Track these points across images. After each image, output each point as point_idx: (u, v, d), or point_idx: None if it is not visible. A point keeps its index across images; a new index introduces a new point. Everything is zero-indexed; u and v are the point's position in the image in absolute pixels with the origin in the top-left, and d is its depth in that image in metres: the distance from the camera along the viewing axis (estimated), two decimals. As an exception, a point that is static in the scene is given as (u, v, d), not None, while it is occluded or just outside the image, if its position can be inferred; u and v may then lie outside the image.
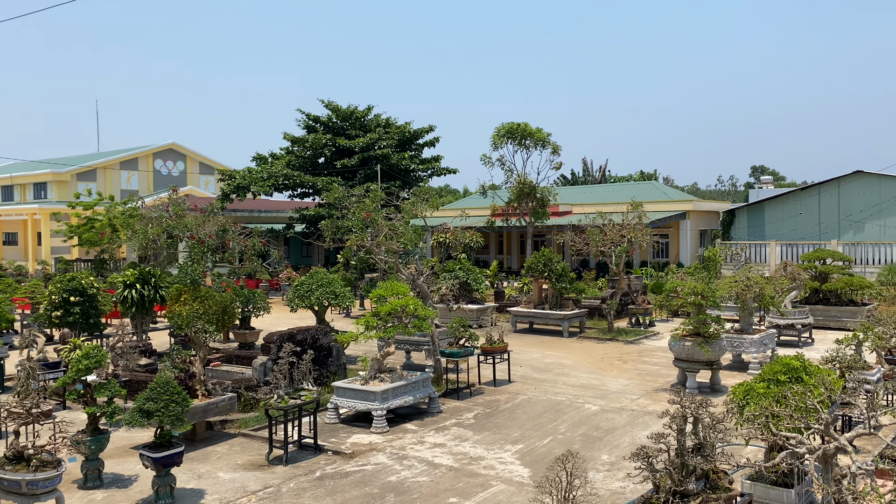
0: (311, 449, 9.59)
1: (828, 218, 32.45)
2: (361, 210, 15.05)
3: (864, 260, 29.05)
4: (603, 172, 67.66)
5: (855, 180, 31.88)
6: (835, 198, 32.37)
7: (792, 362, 7.19)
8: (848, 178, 32.11)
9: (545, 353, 16.73)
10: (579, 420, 10.96)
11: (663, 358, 15.67)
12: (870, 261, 28.99)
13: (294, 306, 15.04)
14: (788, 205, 33.75)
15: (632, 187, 43.08)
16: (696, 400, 6.31)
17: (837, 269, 20.05)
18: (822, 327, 19.08)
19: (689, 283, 13.59)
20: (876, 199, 31.19)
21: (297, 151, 39.23)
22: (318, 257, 44.75)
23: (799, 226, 33.14)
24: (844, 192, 32.10)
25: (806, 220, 33.06)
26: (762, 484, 6.76)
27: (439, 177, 40.97)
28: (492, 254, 42.88)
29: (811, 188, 33.60)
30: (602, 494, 7.88)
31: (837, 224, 32.10)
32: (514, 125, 30.69)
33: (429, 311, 11.66)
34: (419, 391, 11.20)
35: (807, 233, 32.69)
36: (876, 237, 30.54)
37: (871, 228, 31.10)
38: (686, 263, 33.54)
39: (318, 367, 12.61)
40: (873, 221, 31.12)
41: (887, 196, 30.84)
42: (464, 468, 8.85)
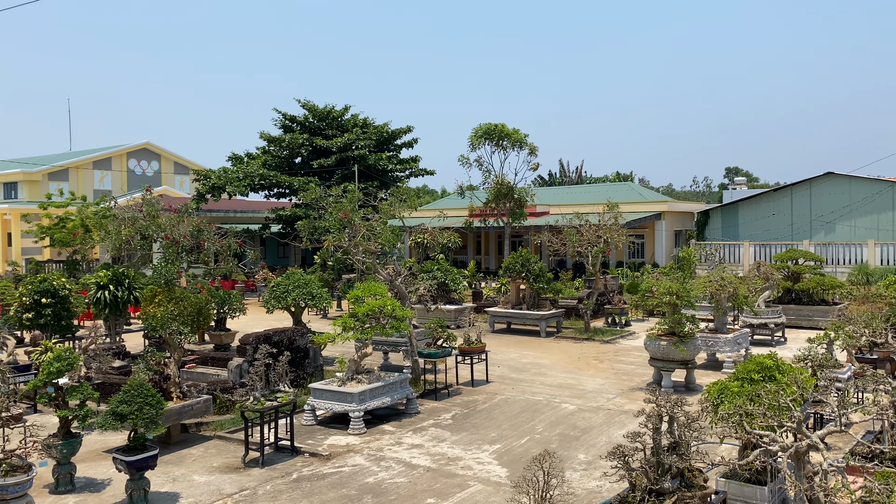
0: (288, 451, 9.53)
1: (800, 218, 32.96)
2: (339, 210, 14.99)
3: (835, 260, 29.54)
4: (579, 173, 68.09)
5: (826, 181, 32.42)
6: (807, 199, 32.88)
7: (765, 361, 7.29)
8: (819, 179, 32.63)
9: (523, 353, 16.78)
10: (556, 419, 11.01)
11: (639, 357, 15.80)
12: (841, 261, 29.49)
13: (270, 307, 14.94)
14: (762, 205, 34.22)
15: (608, 188, 43.39)
16: (671, 399, 6.36)
17: (809, 269, 20.35)
18: (794, 326, 19.36)
19: (665, 283, 13.72)
20: (846, 200, 31.74)
21: (274, 151, 38.97)
22: (294, 258, 44.49)
23: (772, 226, 33.62)
24: (816, 193, 32.61)
25: (779, 221, 33.54)
26: (736, 482, 6.84)
27: (417, 177, 40.96)
28: (470, 254, 42.94)
29: (784, 189, 34.10)
30: (579, 493, 7.92)
31: (809, 224, 32.61)
32: (492, 126, 30.78)
33: (406, 311, 11.64)
34: (397, 392, 11.18)
35: (779, 233, 33.17)
36: (847, 237, 31.07)
37: (842, 229, 31.63)
38: (661, 263, 33.86)
39: (295, 369, 12.53)
40: (844, 222, 31.66)
41: (857, 197, 31.40)
42: (441, 469, 8.84)
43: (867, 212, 31.11)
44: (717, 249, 32.22)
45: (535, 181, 64.75)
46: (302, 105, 39.31)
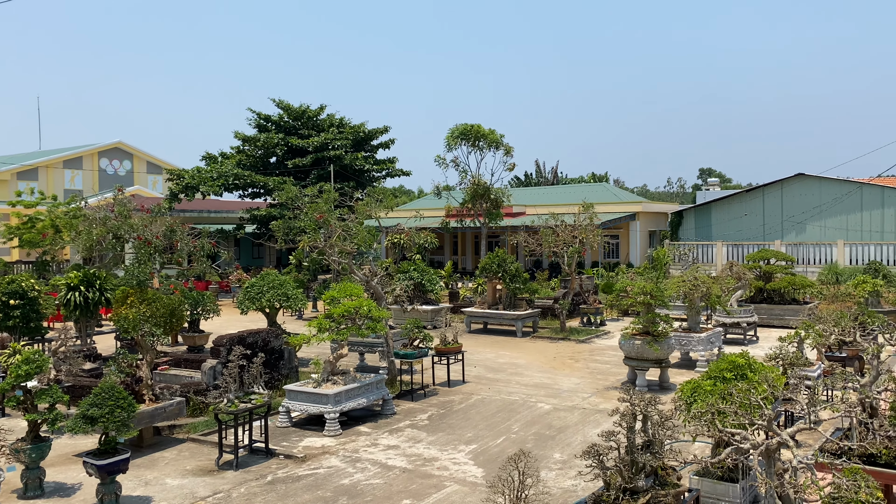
0: (263, 453, 9.45)
1: (771, 219, 33.44)
2: (314, 210, 14.89)
3: (805, 260, 30.03)
4: (555, 174, 68.42)
5: (797, 182, 32.93)
6: (778, 199, 33.38)
7: (737, 360, 7.38)
8: (790, 180, 33.14)
9: (499, 353, 16.82)
10: (532, 419, 11.05)
11: (614, 356, 15.92)
12: (811, 260, 29.98)
13: (244, 308, 14.81)
14: (734, 206, 34.67)
15: (583, 189, 43.69)
16: (645, 398, 6.42)
17: (780, 268, 20.66)
18: (766, 325, 19.64)
19: (639, 282, 13.83)
20: (817, 201, 32.27)
21: (248, 151, 38.64)
22: (269, 258, 44.14)
23: (744, 227, 34.07)
24: (787, 194, 33.12)
25: (751, 221, 34.01)
26: (709, 479, 6.92)
27: (394, 178, 40.87)
28: (446, 254, 42.95)
29: (756, 190, 34.57)
30: (554, 493, 7.96)
31: (781, 225, 33.10)
32: (468, 127, 30.82)
33: (383, 312, 11.60)
34: (373, 393, 11.14)
35: (752, 233, 33.63)
36: (817, 238, 31.60)
37: (813, 229, 32.17)
38: (636, 263, 34.16)
39: (270, 371, 12.44)
40: (814, 222, 32.20)
41: (827, 198, 31.94)
42: (417, 469, 8.83)
43: (837, 212, 31.66)
44: (691, 249, 32.58)
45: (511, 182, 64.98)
46: (277, 104, 39.04)
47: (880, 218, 30.74)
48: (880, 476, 6.58)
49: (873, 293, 18.88)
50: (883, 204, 30.74)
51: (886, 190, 31.11)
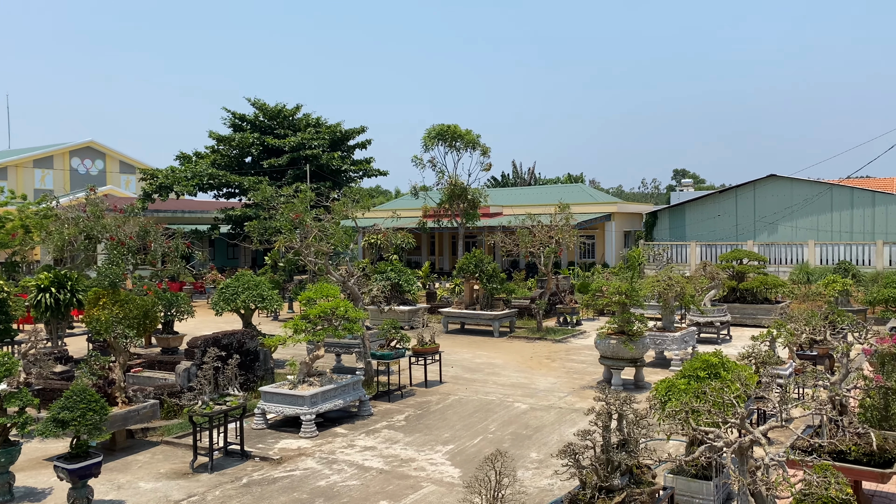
0: (238, 455, 9.37)
1: (744, 219, 33.89)
2: (290, 210, 14.80)
3: (777, 260, 30.49)
4: (532, 174, 68.71)
5: (769, 183, 33.40)
6: (750, 200, 33.83)
7: (710, 359, 7.47)
8: (763, 181, 33.61)
9: (476, 353, 16.85)
10: (509, 419, 11.09)
11: (590, 356, 16.02)
12: (783, 260, 30.44)
13: (219, 309, 14.67)
14: (707, 207, 35.07)
15: (559, 189, 43.93)
16: (620, 397, 6.47)
17: (753, 268, 20.95)
18: (739, 324, 19.89)
19: (614, 282, 13.94)
20: (788, 202, 32.77)
21: (223, 150, 38.30)
22: (244, 259, 43.79)
23: (717, 227, 34.48)
24: (759, 195, 33.58)
25: (724, 222, 34.43)
26: (683, 477, 7.00)
27: (371, 178, 40.78)
28: (424, 255, 42.93)
29: (729, 191, 35.00)
30: (531, 492, 7.99)
31: (753, 225, 33.55)
32: (445, 127, 30.84)
33: (359, 313, 11.56)
34: (349, 394, 11.10)
35: (725, 234, 34.05)
36: (788, 238, 32.08)
37: (784, 230, 32.65)
38: (611, 263, 34.43)
39: (245, 372, 12.35)
40: (786, 223, 32.68)
41: (798, 199, 32.45)
42: (394, 470, 8.82)
43: (807, 213, 32.18)
44: (665, 250, 32.90)
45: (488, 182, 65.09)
46: (252, 104, 38.74)
47: (850, 218, 31.30)
48: (850, 472, 6.70)
49: (843, 292, 19.22)
50: (852, 205, 31.30)
51: (856, 191, 31.69)
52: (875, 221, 30.72)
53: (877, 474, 6.74)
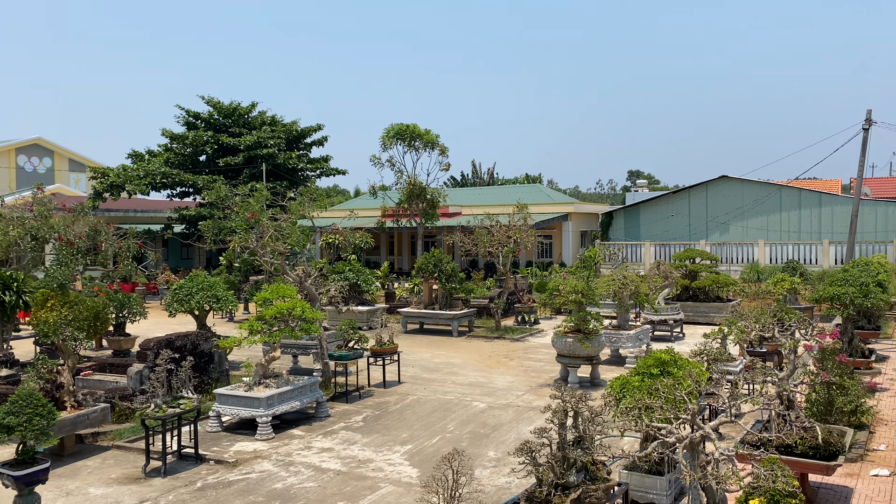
0: (192, 459, 9.21)
1: (697, 219, 34.61)
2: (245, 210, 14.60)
3: (729, 259, 31.22)
4: (491, 175, 69.04)
5: (721, 184, 34.18)
6: (703, 201, 34.57)
7: (663, 356, 7.61)
8: (715, 182, 34.37)
9: (435, 353, 16.87)
10: (467, 418, 11.13)
11: (547, 354, 16.17)
12: (734, 259, 31.19)
13: (173, 311, 14.40)
14: (661, 207, 35.72)
15: (518, 190, 44.25)
16: (576, 394, 6.54)
17: (705, 267, 21.40)
18: (691, 322, 20.30)
19: (571, 281, 14.10)
20: (739, 202, 33.58)
21: (177, 149, 37.59)
22: (199, 259, 43.05)
23: (671, 227, 35.15)
24: (711, 196, 34.33)
25: (677, 222, 35.11)
26: (637, 473, 7.12)
27: (328, 177, 40.47)
28: (383, 255, 42.78)
29: (682, 192, 35.71)
30: (488, 490, 8.03)
31: (705, 225, 34.29)
32: (403, 126, 30.79)
33: (317, 313, 11.47)
34: (306, 396, 11.00)
35: (678, 233, 34.73)
36: (739, 238, 32.87)
37: (735, 229, 33.45)
38: (568, 263, 34.81)
39: (199, 374, 12.14)
40: (737, 223, 33.49)
41: (749, 199, 33.27)
42: (352, 472, 8.77)
43: (758, 213, 33.02)
44: (621, 249, 33.41)
45: (447, 182, 65.24)
46: (206, 102, 38.11)
47: (797, 219, 32.23)
48: (796, 465, 6.90)
49: (791, 290, 19.78)
50: (800, 205, 32.23)
51: (803, 192, 32.64)
52: (822, 221, 31.69)
53: (822, 467, 6.96)
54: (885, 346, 16.53)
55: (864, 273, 14.25)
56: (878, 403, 11.32)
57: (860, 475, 8.26)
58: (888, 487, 7.89)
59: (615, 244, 34.19)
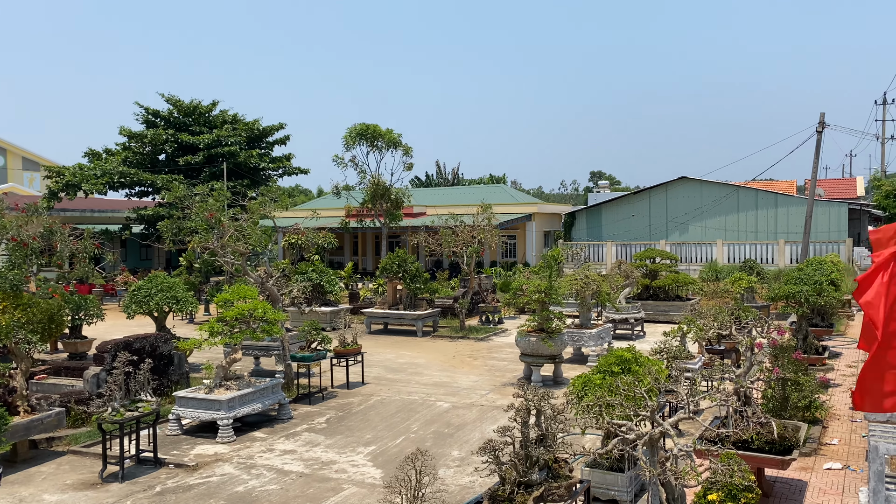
0: (151, 463, 9.04)
1: (657, 220, 35.14)
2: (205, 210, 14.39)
3: (688, 258, 31.77)
4: (455, 175, 69.14)
5: (680, 185, 34.75)
6: (663, 201, 35.11)
7: (624, 354, 7.72)
8: (674, 183, 34.93)
9: (399, 354, 16.83)
10: (431, 418, 11.13)
11: (511, 353, 16.26)
12: (693, 259, 31.75)
13: (131, 312, 14.11)
14: (623, 207, 36.18)
15: (482, 190, 44.40)
16: (538, 393, 6.59)
17: (665, 267, 21.74)
18: (652, 321, 20.59)
19: (534, 281, 14.21)
20: (698, 203, 34.19)
21: (135, 147, 36.81)
22: (158, 260, 42.28)
23: (632, 227, 35.62)
24: (671, 196, 34.89)
25: (638, 222, 35.60)
26: (599, 470, 7.20)
27: (290, 176, 40.04)
28: (347, 255, 42.54)
29: (643, 192, 36.23)
30: (452, 490, 8.05)
31: (665, 225, 34.83)
32: (365, 126, 30.64)
33: (278, 314, 11.35)
34: (268, 398, 10.88)
35: (639, 233, 35.21)
36: (698, 237, 33.46)
37: (695, 229, 34.04)
38: (532, 263, 35.05)
39: (159, 377, 11.92)
40: (696, 223, 34.09)
41: (707, 200, 33.89)
42: (315, 473, 8.70)
43: (716, 213, 33.65)
44: (583, 249, 33.76)
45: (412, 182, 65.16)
46: (166, 100, 37.39)
47: (754, 219, 32.93)
48: (752, 460, 7.06)
49: (748, 289, 20.20)
50: (757, 206, 32.94)
51: (760, 193, 33.37)
52: (777, 222, 32.44)
53: (777, 461, 7.12)
54: (838, 342, 16.99)
55: (818, 272, 14.63)
56: (831, 399, 11.63)
57: (814, 469, 8.48)
58: (840, 480, 8.12)
59: (578, 244, 34.52)
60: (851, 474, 8.28)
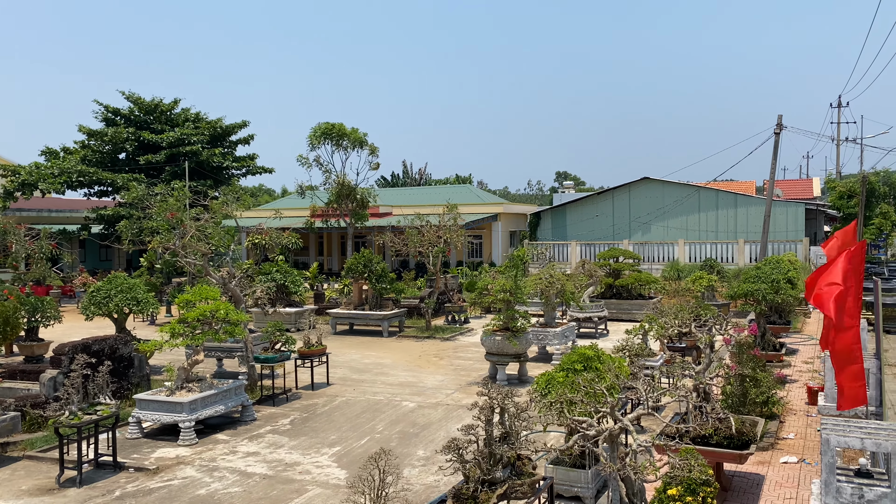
0: (110, 467, 8.87)
1: (620, 220, 35.57)
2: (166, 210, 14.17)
3: (650, 258, 32.23)
4: (422, 175, 69.13)
5: (643, 186, 35.23)
6: (626, 202, 35.56)
7: (587, 352, 7.81)
8: (637, 183, 35.40)
9: (365, 354, 16.77)
10: (397, 418, 11.12)
11: (477, 353, 16.32)
12: (655, 258, 32.22)
13: (90, 314, 13.84)
14: (587, 208, 36.55)
15: (448, 190, 44.46)
16: (502, 391, 6.63)
17: (628, 266, 22.03)
18: (615, 319, 20.84)
19: (500, 281, 14.28)
20: (660, 203, 34.69)
21: (95, 146, 36.07)
22: (119, 261, 41.47)
23: (596, 227, 36.00)
24: (634, 197, 35.35)
25: (602, 222, 36.00)
26: (562, 467, 7.28)
27: (254, 175, 39.65)
28: (312, 255, 42.24)
29: (606, 193, 36.64)
30: (416, 489, 8.05)
31: (628, 225, 35.28)
32: (330, 125, 30.47)
33: (242, 315, 11.23)
34: (231, 400, 10.76)
35: (603, 233, 35.60)
36: (661, 237, 33.97)
37: (657, 229, 34.54)
38: (498, 262, 35.22)
39: (118, 380, 11.71)
40: (658, 223, 34.58)
41: (669, 200, 34.42)
42: (279, 475, 8.63)
43: (678, 213, 34.19)
44: (548, 249, 34.02)
45: (378, 182, 65.01)
46: (126, 97, 36.73)
47: (715, 219, 33.54)
48: (711, 455, 7.19)
49: (709, 288, 20.57)
50: (717, 206, 33.55)
51: (720, 193, 34.00)
52: (737, 221, 33.08)
53: (735, 456, 7.28)
54: (795, 339, 17.39)
55: (776, 271, 14.98)
56: (787, 394, 11.91)
57: (771, 463, 8.68)
58: (796, 473, 8.32)
59: (543, 244, 34.78)
60: (806, 467, 8.50)
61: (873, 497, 5.26)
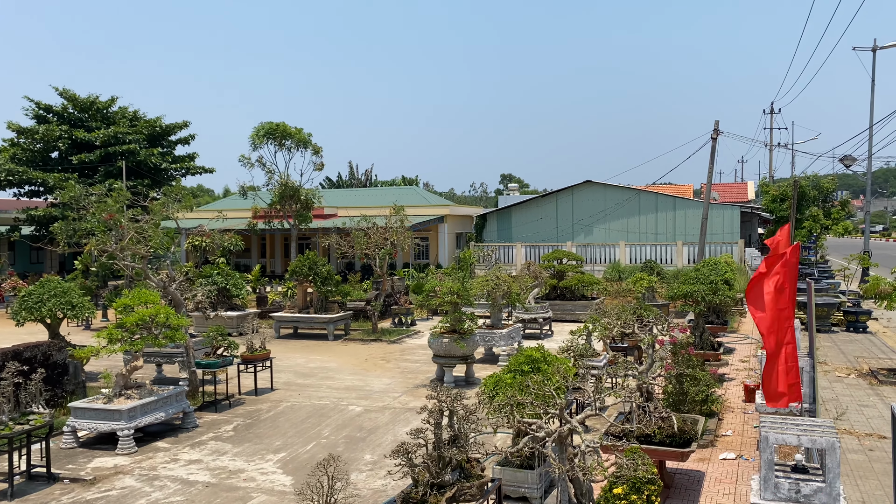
0: (44, 479, 8.52)
1: (564, 222, 36.09)
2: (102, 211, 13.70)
3: (593, 259, 32.79)
4: (368, 176, 68.71)
5: (586, 189, 35.83)
6: (569, 204, 36.10)
7: (533, 353, 7.88)
8: (580, 186, 35.98)
9: (310, 358, 16.56)
10: (343, 422, 11.01)
11: (424, 355, 16.30)
12: (598, 260, 32.80)
13: (21, 320, 13.27)
14: (532, 210, 36.95)
15: (395, 192, 44.30)
16: (451, 394, 6.63)
17: (572, 267, 22.36)
18: (560, 320, 21.14)
19: (447, 283, 14.31)
20: (602, 206, 35.34)
21: (25, 144, 34.66)
22: (51, 264, 39.93)
23: (541, 229, 36.43)
24: (577, 199, 35.91)
25: (546, 224, 36.45)
26: (510, 468, 7.33)
27: (194, 176, 38.75)
28: (254, 257, 41.48)
29: (550, 195, 37.12)
30: (364, 494, 7.98)
31: (572, 227, 35.83)
32: (273, 125, 30.00)
33: (182, 319, 10.94)
34: (172, 406, 10.47)
35: (547, 235, 36.05)
36: (602, 239, 34.60)
37: (599, 231, 35.18)
38: (444, 264, 35.27)
39: (52, 387, 11.27)
40: (600, 225, 35.22)
41: (611, 203, 35.10)
42: (222, 483, 8.44)
43: (619, 216, 34.89)
44: (494, 251, 34.25)
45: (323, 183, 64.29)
46: (60, 94, 35.40)
47: (654, 221, 34.35)
48: (654, 453, 7.35)
49: (649, 289, 21.04)
50: (657, 209, 34.37)
51: (660, 196, 34.85)
52: (676, 224, 33.95)
53: (677, 454, 7.45)
54: (732, 338, 17.95)
55: (713, 272, 15.42)
56: (725, 392, 12.27)
57: (711, 459, 8.93)
58: (734, 469, 8.58)
59: (489, 246, 34.99)
60: (744, 463, 8.77)
61: (809, 492, 5.45)
